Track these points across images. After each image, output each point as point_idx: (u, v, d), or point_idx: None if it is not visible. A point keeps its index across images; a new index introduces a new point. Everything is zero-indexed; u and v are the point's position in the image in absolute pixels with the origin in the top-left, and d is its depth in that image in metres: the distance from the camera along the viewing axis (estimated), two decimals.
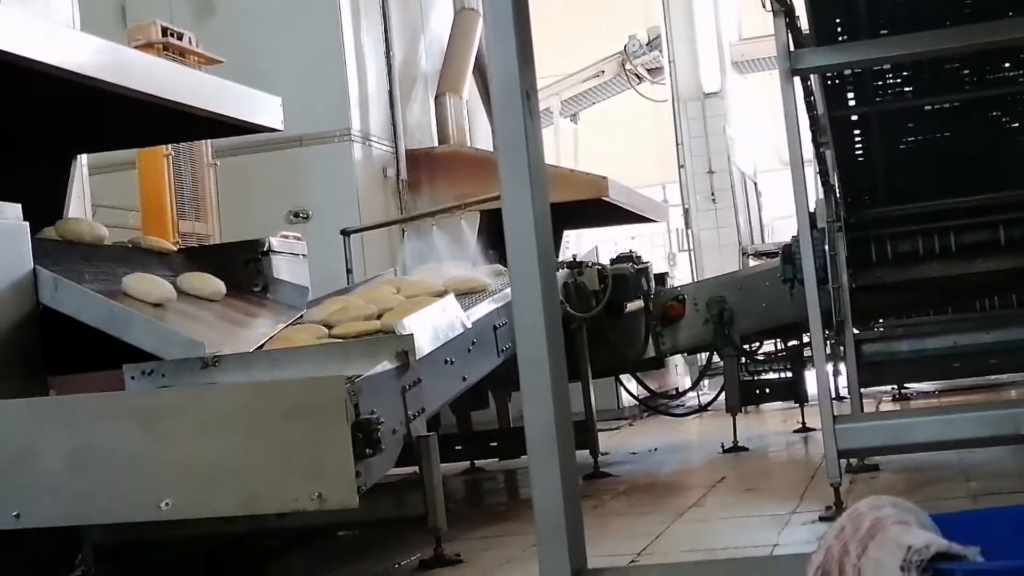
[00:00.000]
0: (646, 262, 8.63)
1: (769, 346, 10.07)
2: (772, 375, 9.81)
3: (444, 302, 5.73)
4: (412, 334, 5.01)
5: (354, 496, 4.09)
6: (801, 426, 9.11)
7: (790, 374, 9.44)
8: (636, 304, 8.48)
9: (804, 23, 5.70)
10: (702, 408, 10.10)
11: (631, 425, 11.65)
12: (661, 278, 9.10)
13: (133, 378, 4.75)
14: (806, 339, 8.76)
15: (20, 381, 4.69)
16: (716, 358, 9.11)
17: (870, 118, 6.65)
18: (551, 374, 2.34)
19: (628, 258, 8.53)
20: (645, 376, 9.83)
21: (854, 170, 7.10)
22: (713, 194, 17.26)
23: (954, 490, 5.74)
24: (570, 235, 15.80)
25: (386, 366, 4.64)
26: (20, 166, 5.84)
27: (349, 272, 8.60)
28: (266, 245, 6.53)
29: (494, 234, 9.49)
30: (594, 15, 22.37)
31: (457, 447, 8.28)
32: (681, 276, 16.88)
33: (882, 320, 9.26)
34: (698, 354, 10.79)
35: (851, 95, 6.41)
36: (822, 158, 6.88)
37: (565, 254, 10.62)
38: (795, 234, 6.38)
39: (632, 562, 4.61)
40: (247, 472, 4.14)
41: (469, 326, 5.77)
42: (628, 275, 8.23)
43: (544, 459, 2.34)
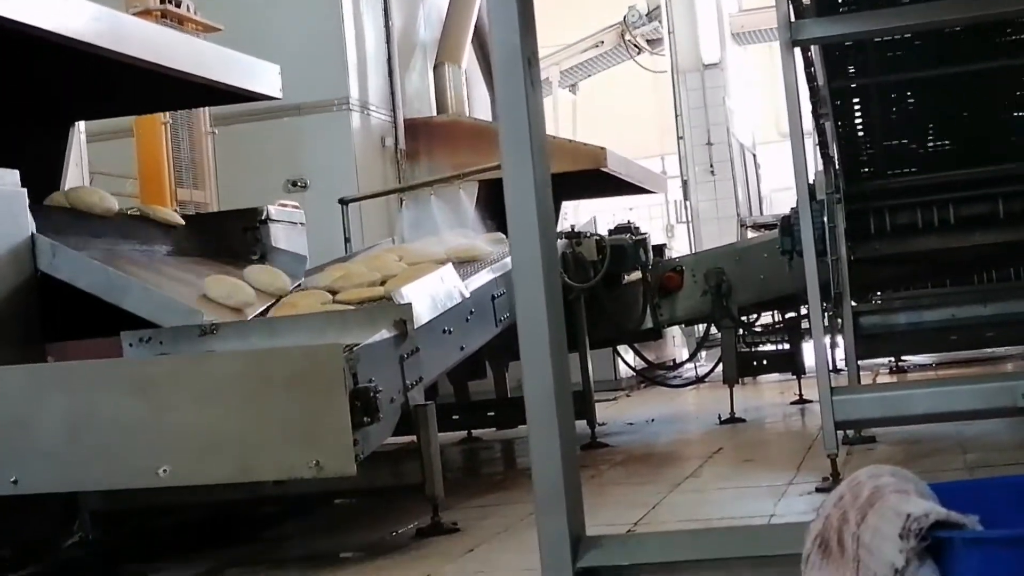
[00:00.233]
0: (644, 233, 8.62)
1: (767, 318, 10.07)
2: (769, 347, 9.81)
3: (443, 271, 5.73)
4: (410, 303, 5.01)
5: (352, 464, 4.10)
6: (798, 398, 9.11)
7: (787, 346, 9.44)
8: (634, 275, 8.47)
9: None
10: (699, 379, 10.10)
11: (628, 396, 11.67)
12: (659, 249, 9.09)
13: (131, 345, 4.75)
14: (804, 311, 8.76)
15: (18, 348, 4.69)
16: (714, 330, 9.11)
17: (870, 90, 6.63)
18: (551, 344, 2.34)
19: (626, 229, 8.51)
20: (643, 347, 9.84)
21: (854, 142, 7.08)
22: (712, 166, 17.24)
23: (951, 462, 5.75)
24: (568, 206, 15.77)
25: (384, 335, 4.65)
26: (18, 133, 5.82)
27: (347, 241, 8.59)
28: (264, 214, 6.52)
29: (492, 204, 9.49)
30: None
31: (455, 416, 8.28)
32: (679, 247, 16.88)
33: (880, 292, 9.26)
34: (696, 325, 10.77)
35: (851, 66, 6.39)
36: (822, 130, 6.86)
37: (563, 225, 10.59)
38: (794, 206, 6.36)
39: (630, 531, 4.62)
40: (245, 439, 4.15)
41: (467, 295, 5.77)
42: (626, 246, 8.22)
43: (543, 428, 2.35)
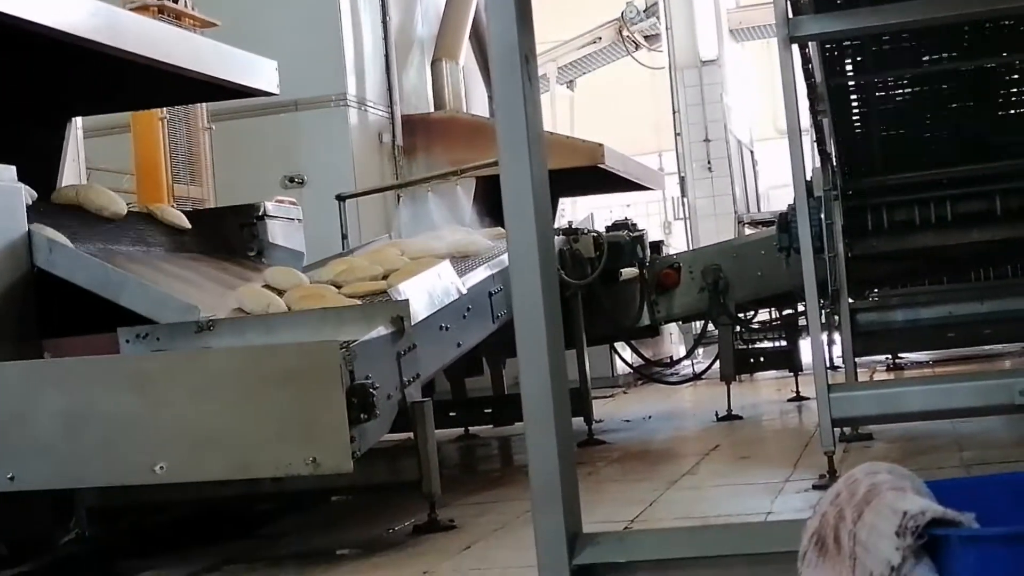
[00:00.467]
0: (641, 230, 8.62)
1: (764, 315, 10.08)
2: (767, 344, 9.82)
3: (440, 268, 5.72)
4: (407, 300, 5.00)
5: (348, 461, 4.10)
6: (795, 395, 9.12)
7: (785, 343, 9.44)
8: (631, 272, 8.47)
9: None
10: (696, 376, 10.11)
11: (625, 393, 11.67)
12: (656, 246, 9.08)
13: (128, 342, 4.74)
14: (801, 308, 8.76)
15: (14, 344, 4.68)
16: (711, 327, 9.11)
17: (868, 86, 6.63)
18: (547, 340, 2.33)
19: (624, 226, 8.51)
20: (640, 344, 9.84)
21: (851, 139, 7.08)
22: (709, 162, 17.24)
23: (947, 459, 5.76)
24: (565, 202, 15.77)
25: (381, 331, 4.64)
26: (15, 129, 5.81)
27: (344, 237, 8.59)
28: (261, 210, 6.52)
29: (489, 200, 9.48)
30: None
31: (451, 413, 8.28)
32: (677, 244, 16.86)
33: (877, 290, 9.26)
34: (693, 322, 10.78)
35: (849, 63, 6.38)
36: (819, 127, 6.85)
37: (560, 221, 10.59)
38: (791, 203, 6.37)
39: (626, 528, 4.62)
40: (241, 436, 4.14)
41: (464, 292, 5.77)
42: (623, 243, 8.22)
43: (540, 425, 2.34)
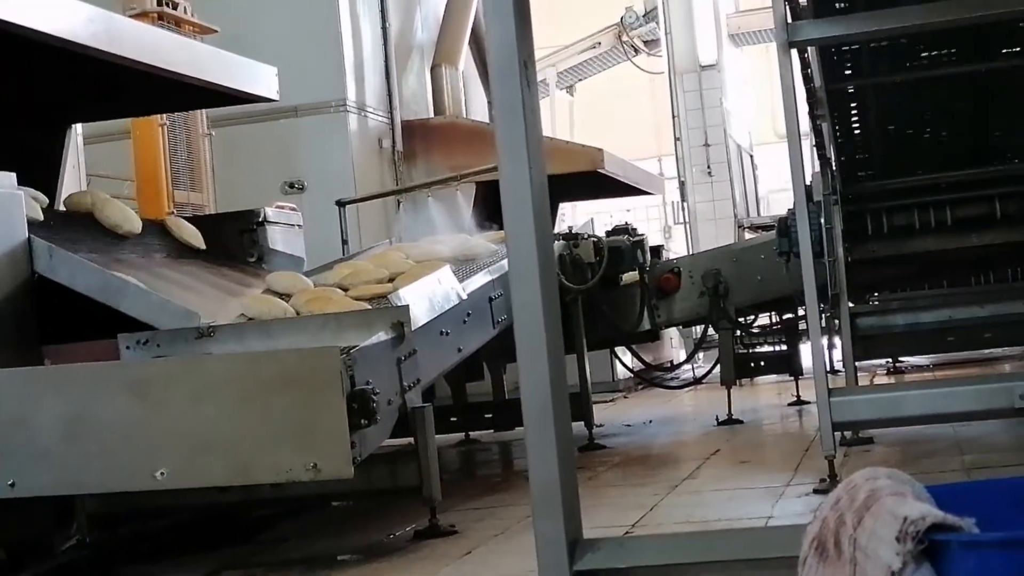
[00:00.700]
0: (642, 234, 8.62)
1: (764, 319, 10.06)
2: (767, 348, 9.81)
3: (440, 273, 5.73)
4: (408, 305, 5.00)
5: (349, 466, 4.10)
6: (796, 399, 9.11)
7: (785, 347, 9.43)
8: (631, 276, 8.47)
9: None
10: (697, 381, 10.10)
11: (626, 397, 11.66)
12: (657, 251, 9.08)
13: (128, 348, 4.75)
14: (801, 312, 8.76)
15: (14, 350, 4.68)
16: (711, 331, 9.10)
17: (867, 91, 6.63)
18: (548, 345, 2.33)
19: (624, 230, 8.51)
20: (640, 348, 9.84)
21: (851, 143, 7.08)
22: (709, 167, 17.24)
23: (948, 463, 5.75)
24: (565, 207, 15.77)
25: (381, 337, 4.64)
26: (15, 135, 5.82)
27: (344, 243, 8.59)
28: (261, 215, 6.52)
29: (489, 205, 9.49)
30: None
31: (452, 418, 8.27)
32: (677, 249, 16.87)
33: (877, 294, 9.27)
34: (693, 327, 10.77)
35: (848, 68, 6.39)
36: (819, 131, 6.86)
37: (560, 226, 10.60)
38: (791, 207, 6.37)
39: (627, 533, 4.62)
40: (242, 442, 4.14)
41: (465, 297, 5.77)
42: (624, 247, 8.22)
43: (540, 430, 2.34)
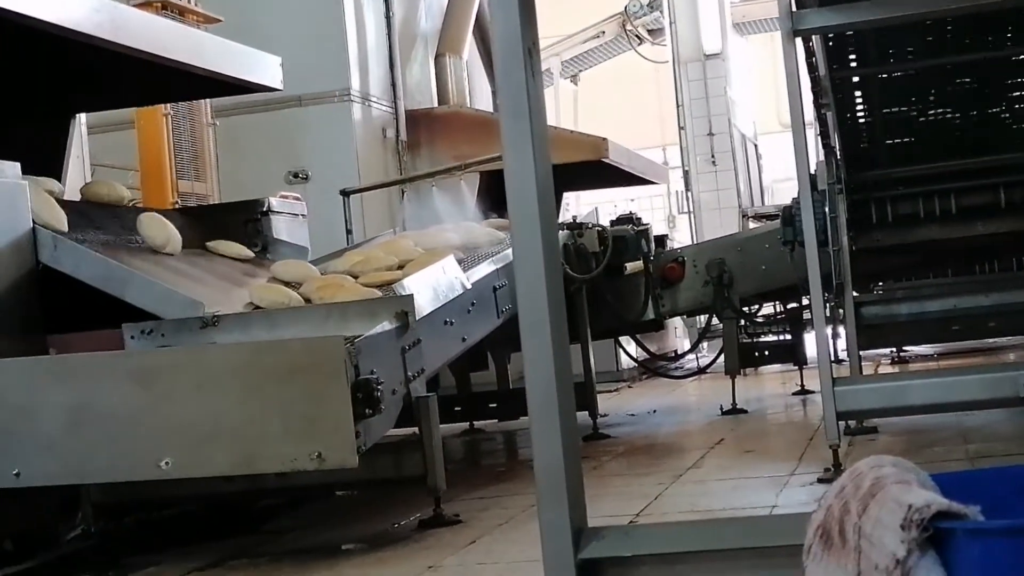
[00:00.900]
0: (646, 224, 8.61)
1: (768, 308, 10.06)
2: (771, 337, 9.79)
3: (444, 263, 5.72)
4: (412, 294, 5.00)
5: (354, 456, 4.10)
6: (800, 388, 9.11)
7: (789, 336, 9.43)
8: (636, 266, 8.46)
9: None
10: (701, 370, 10.10)
11: (630, 387, 11.67)
12: (661, 240, 9.08)
13: (133, 337, 4.75)
14: (805, 301, 8.75)
15: (19, 340, 4.69)
16: (715, 320, 9.10)
17: (872, 79, 6.62)
18: (552, 335, 2.33)
19: (628, 220, 8.51)
20: (644, 338, 9.83)
21: (855, 132, 7.07)
22: (713, 156, 17.21)
23: (952, 452, 5.75)
24: (569, 197, 15.77)
25: (386, 326, 4.64)
26: (19, 125, 5.82)
27: (349, 233, 8.59)
28: (266, 205, 6.52)
29: (493, 195, 9.47)
30: None
31: (456, 408, 8.28)
32: (681, 238, 16.87)
33: (881, 283, 9.25)
34: (697, 316, 10.77)
35: (853, 56, 6.38)
36: (823, 120, 6.85)
37: (564, 216, 10.59)
38: (795, 196, 6.36)
39: (631, 522, 4.62)
40: (246, 432, 4.15)
41: (469, 287, 5.77)
42: (628, 237, 8.22)
43: (545, 419, 2.34)
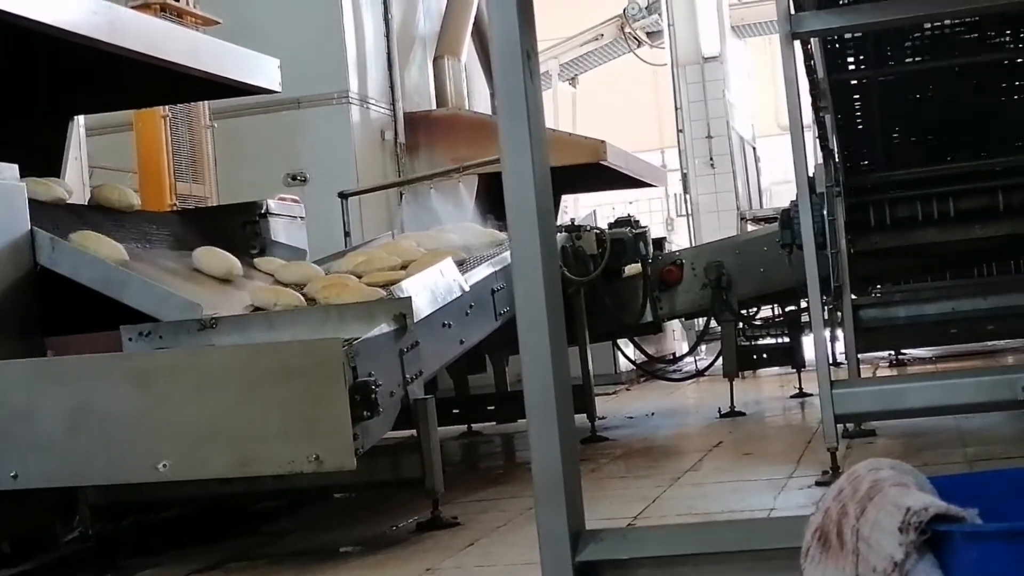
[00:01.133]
0: (644, 227, 8.61)
1: (767, 311, 10.07)
2: (769, 340, 9.80)
3: (442, 265, 5.72)
4: (410, 297, 5.00)
5: (351, 458, 4.10)
6: (798, 391, 9.11)
7: (787, 339, 9.43)
8: (634, 268, 8.47)
9: None
10: (699, 373, 10.10)
11: (628, 390, 11.67)
12: (659, 243, 9.08)
13: (131, 339, 4.75)
14: (804, 304, 8.75)
15: (17, 342, 4.69)
16: (713, 323, 9.10)
17: (870, 82, 6.62)
18: (550, 337, 2.33)
19: (626, 222, 8.51)
20: (642, 341, 9.83)
21: (854, 135, 7.07)
22: (712, 159, 17.21)
23: (951, 455, 5.75)
24: (568, 200, 15.77)
25: (384, 329, 4.64)
26: (17, 127, 5.82)
27: (347, 235, 8.58)
28: (264, 207, 6.51)
29: (492, 198, 9.48)
30: None
31: (454, 411, 8.27)
32: (679, 241, 16.87)
33: (880, 286, 9.26)
34: (696, 319, 10.77)
35: (851, 59, 6.38)
36: (821, 123, 6.85)
37: (563, 218, 10.59)
38: (794, 199, 6.36)
39: (629, 525, 4.62)
40: (244, 434, 4.15)
41: (467, 289, 5.77)
42: (626, 239, 8.22)
43: (543, 422, 2.34)
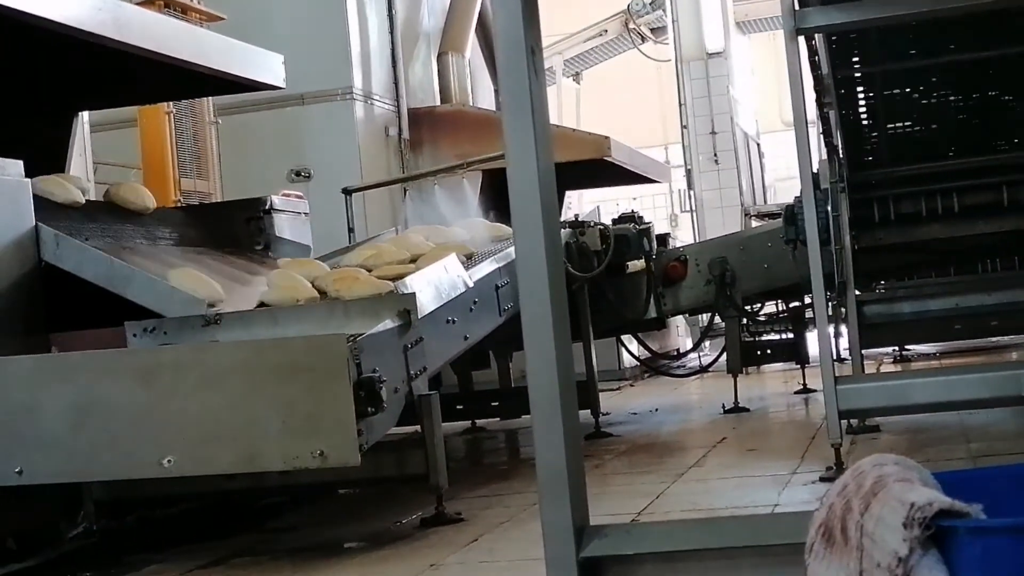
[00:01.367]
0: (648, 222, 8.61)
1: (771, 307, 10.06)
2: (773, 336, 9.79)
3: (446, 261, 5.72)
4: (414, 293, 5.00)
5: (356, 454, 4.10)
6: (802, 387, 9.11)
7: (791, 335, 9.43)
8: (638, 265, 8.46)
9: None
10: (703, 369, 10.10)
11: (632, 386, 11.66)
12: (663, 239, 9.08)
13: (135, 335, 4.75)
14: (807, 300, 8.75)
15: (22, 338, 4.69)
16: (717, 319, 9.10)
17: (874, 78, 6.62)
18: (554, 333, 2.33)
19: (630, 218, 8.50)
20: (646, 337, 9.83)
21: (858, 131, 7.07)
22: (716, 155, 17.21)
23: (955, 451, 5.75)
24: (572, 196, 15.76)
25: (388, 325, 4.64)
26: (22, 123, 5.82)
27: (351, 231, 8.58)
28: (268, 203, 6.52)
29: (495, 194, 9.48)
30: None
31: (458, 406, 8.28)
32: (683, 237, 16.86)
33: (884, 281, 9.25)
34: (699, 315, 10.77)
35: (856, 55, 6.38)
36: (826, 118, 6.85)
37: (567, 214, 10.58)
38: (798, 195, 6.36)
39: (633, 520, 4.62)
40: (249, 429, 4.15)
41: (471, 285, 5.77)
42: (630, 235, 8.21)
43: (547, 418, 2.34)
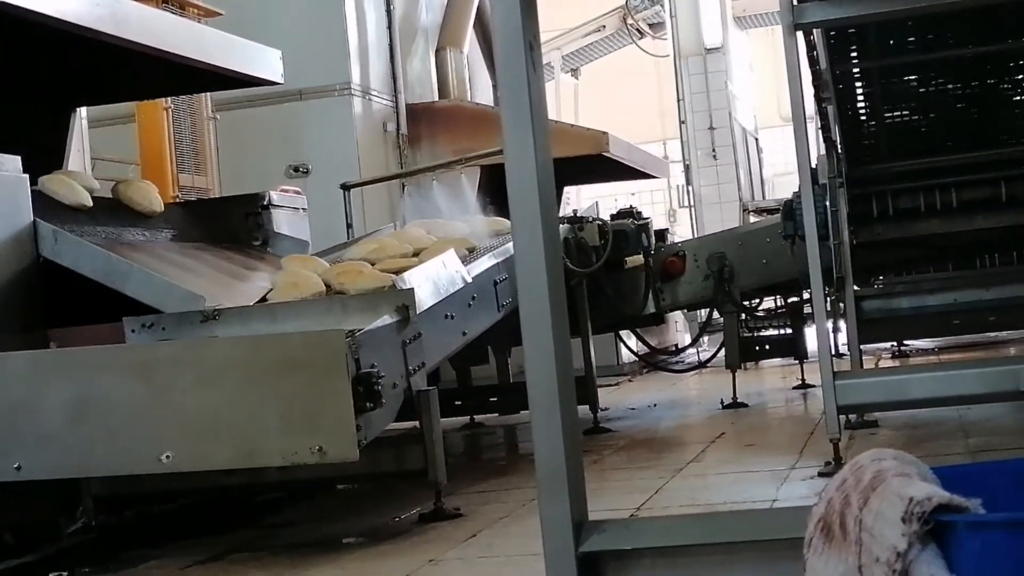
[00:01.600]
0: (646, 218, 8.61)
1: (769, 302, 10.07)
2: (772, 331, 9.80)
3: (445, 256, 5.72)
4: (412, 288, 5.00)
5: (354, 449, 4.10)
6: (800, 382, 9.11)
7: (790, 330, 9.43)
8: (636, 260, 8.46)
9: None
10: (701, 364, 10.10)
11: (631, 381, 11.67)
12: (661, 234, 9.08)
13: (133, 331, 4.76)
14: (806, 296, 8.75)
15: (20, 334, 4.69)
16: (716, 314, 9.10)
17: (873, 73, 6.61)
18: (553, 328, 2.33)
19: (628, 214, 8.50)
20: (645, 332, 9.83)
21: (856, 126, 7.07)
22: (714, 150, 17.22)
23: (953, 446, 5.75)
24: (570, 191, 15.77)
25: (386, 320, 4.65)
26: (20, 118, 5.82)
27: (349, 227, 8.58)
28: (266, 199, 6.53)
29: (494, 189, 9.47)
30: None
31: (457, 402, 8.28)
32: (682, 232, 16.87)
33: (882, 277, 9.25)
34: (698, 310, 10.77)
35: (854, 50, 6.37)
36: (824, 113, 6.85)
37: (565, 210, 10.58)
38: (796, 190, 6.36)
39: (632, 516, 4.63)
40: (247, 425, 4.15)
41: (470, 281, 5.77)
42: (628, 231, 8.22)
43: (545, 413, 2.34)
